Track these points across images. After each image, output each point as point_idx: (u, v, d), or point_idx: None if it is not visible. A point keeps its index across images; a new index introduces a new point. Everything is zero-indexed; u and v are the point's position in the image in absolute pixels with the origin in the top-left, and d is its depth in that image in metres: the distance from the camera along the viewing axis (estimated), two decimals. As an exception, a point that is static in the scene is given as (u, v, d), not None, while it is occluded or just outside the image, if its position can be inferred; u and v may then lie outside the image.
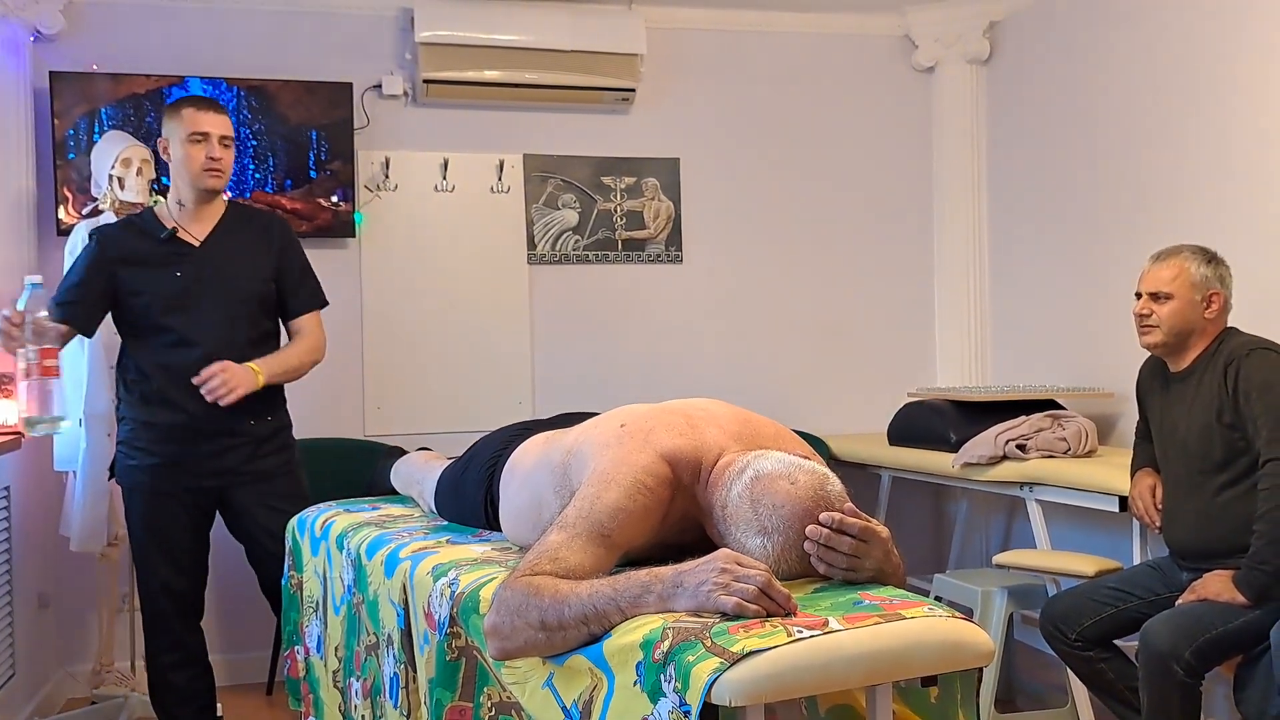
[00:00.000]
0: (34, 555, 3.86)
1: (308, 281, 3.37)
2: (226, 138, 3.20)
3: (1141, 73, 4.07)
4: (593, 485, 1.90)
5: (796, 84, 4.96)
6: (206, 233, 3.23)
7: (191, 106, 3.18)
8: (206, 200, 3.23)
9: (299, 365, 3.29)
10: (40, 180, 4.08)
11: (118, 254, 3.18)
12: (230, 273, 3.20)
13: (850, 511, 1.78)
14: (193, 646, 3.32)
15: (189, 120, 3.15)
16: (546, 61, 4.50)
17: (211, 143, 3.15)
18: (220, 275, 3.19)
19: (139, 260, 3.17)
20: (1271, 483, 2.71)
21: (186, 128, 3.14)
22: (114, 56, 4.22)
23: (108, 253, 3.18)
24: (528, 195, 4.67)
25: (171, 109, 3.23)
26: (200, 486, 3.21)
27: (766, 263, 4.93)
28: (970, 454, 3.91)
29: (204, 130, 3.14)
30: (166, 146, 3.20)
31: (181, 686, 3.30)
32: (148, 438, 3.19)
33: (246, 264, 3.23)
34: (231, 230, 3.26)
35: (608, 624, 1.67)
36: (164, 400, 3.16)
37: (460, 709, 1.97)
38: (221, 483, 3.22)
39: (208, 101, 3.26)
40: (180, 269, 3.16)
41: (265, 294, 3.26)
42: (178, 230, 3.20)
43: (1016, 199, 4.81)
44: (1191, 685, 2.74)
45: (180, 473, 3.19)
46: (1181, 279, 2.97)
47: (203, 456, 3.18)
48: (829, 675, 1.54)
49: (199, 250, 3.20)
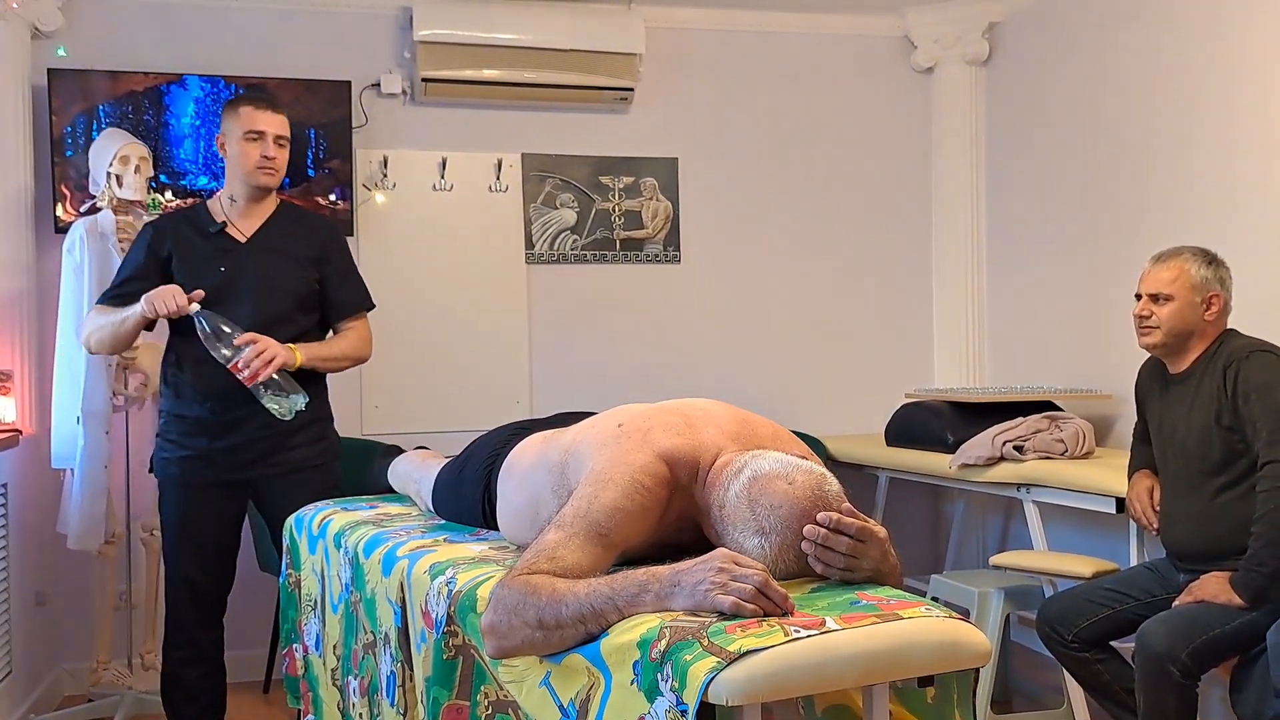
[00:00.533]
0: (31, 552, 3.86)
1: (353, 284, 3.38)
2: (282, 137, 3.23)
3: (1141, 74, 4.07)
4: (590, 484, 1.90)
5: (795, 84, 4.96)
6: (254, 229, 3.26)
7: (250, 105, 3.22)
8: (258, 198, 3.27)
9: (340, 356, 3.30)
10: (38, 178, 4.08)
11: (170, 244, 3.22)
12: (272, 270, 3.21)
13: (848, 511, 1.78)
14: (206, 644, 3.32)
15: (246, 118, 3.18)
16: (545, 61, 4.50)
17: (267, 141, 3.19)
18: (262, 272, 3.20)
19: (187, 252, 3.21)
20: (1270, 485, 2.72)
21: (243, 125, 3.18)
22: (112, 54, 4.22)
23: (162, 242, 3.23)
24: (526, 194, 4.67)
25: (230, 106, 3.27)
26: (229, 480, 3.22)
27: (764, 263, 4.93)
28: (967, 455, 3.91)
29: (260, 129, 3.18)
30: (224, 142, 3.24)
31: (190, 683, 3.31)
32: (178, 430, 3.23)
33: (289, 263, 3.25)
34: (278, 229, 3.29)
35: (605, 623, 1.67)
36: (194, 393, 3.19)
37: (457, 707, 1.97)
38: (250, 475, 3.22)
39: (266, 100, 3.29)
40: (224, 264, 3.19)
41: (306, 294, 3.27)
42: (227, 225, 3.24)
43: (1015, 200, 4.81)
44: (1188, 687, 2.74)
45: (209, 465, 3.21)
46: (1181, 280, 2.97)
47: (230, 449, 3.19)
48: (826, 675, 1.54)
49: (244, 246, 3.23)
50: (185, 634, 3.29)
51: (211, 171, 4.23)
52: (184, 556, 3.25)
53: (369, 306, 3.42)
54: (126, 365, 3.72)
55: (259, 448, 3.21)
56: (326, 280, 3.31)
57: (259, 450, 3.21)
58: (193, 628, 3.29)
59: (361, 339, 3.37)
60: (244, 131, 3.18)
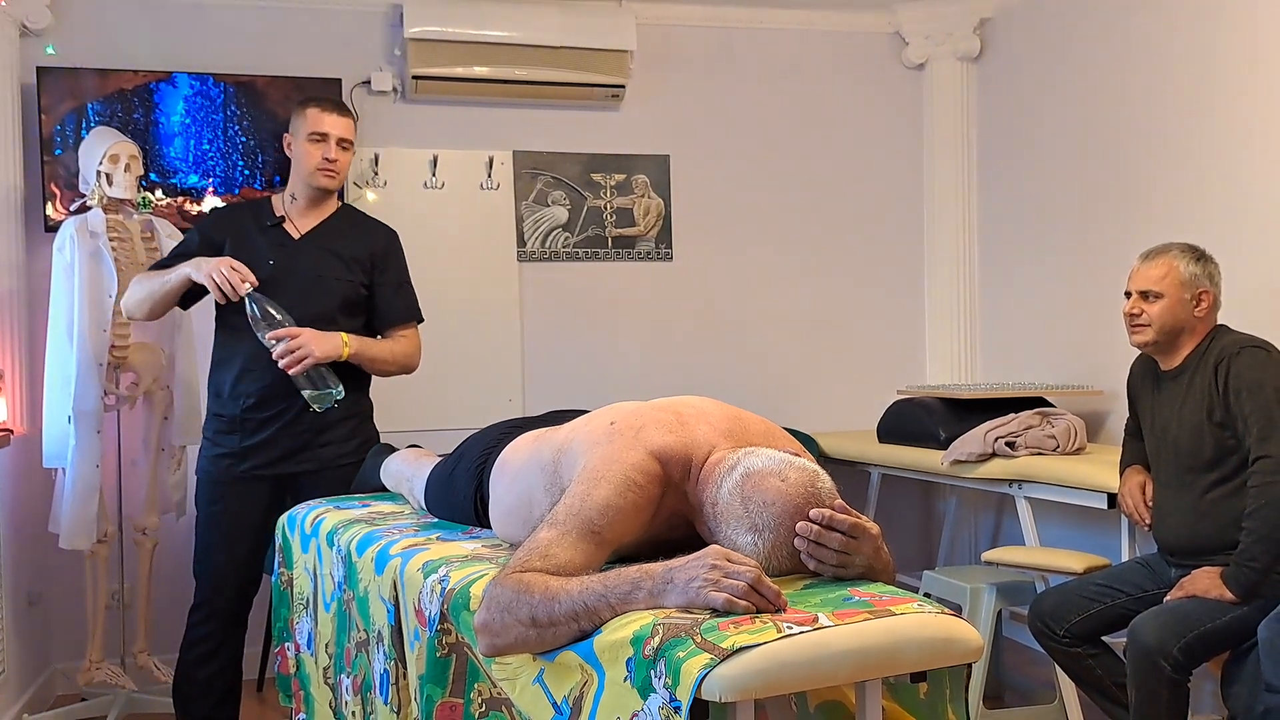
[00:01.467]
0: (23, 552, 3.84)
1: (405, 293, 3.38)
2: (346, 140, 3.25)
3: (1131, 70, 4.08)
4: (583, 482, 1.90)
5: (786, 81, 4.96)
6: (310, 228, 3.27)
7: (316, 107, 3.25)
8: (318, 199, 3.28)
9: (388, 358, 3.30)
10: (28, 176, 4.07)
11: (226, 231, 3.24)
12: (320, 271, 3.21)
13: (840, 508, 1.78)
14: (226, 641, 3.31)
15: (311, 120, 3.21)
16: (536, 58, 4.50)
17: (329, 144, 3.21)
18: (311, 271, 3.21)
19: (241, 241, 3.22)
20: (1261, 481, 2.73)
21: (308, 127, 3.21)
22: (101, 52, 4.21)
23: (220, 228, 3.26)
24: (517, 192, 4.67)
25: (299, 107, 3.29)
26: (260, 476, 3.23)
27: (756, 260, 4.94)
28: (959, 451, 3.91)
29: (324, 131, 3.20)
30: (290, 143, 3.27)
31: (202, 680, 3.31)
32: (214, 429, 3.27)
33: (339, 265, 3.25)
34: (334, 230, 3.30)
35: (598, 620, 1.67)
36: (230, 391, 3.22)
37: (451, 705, 1.97)
38: (281, 471, 3.23)
39: (333, 103, 3.31)
40: (274, 257, 3.20)
41: (353, 298, 3.26)
42: (285, 220, 3.26)
43: (1006, 196, 4.82)
44: (1179, 681, 2.75)
45: (241, 462, 3.22)
46: (1171, 277, 2.98)
47: (261, 446, 3.21)
48: (818, 671, 1.55)
49: (296, 243, 3.24)
50: (206, 629, 3.29)
51: (202, 169, 4.22)
52: (212, 552, 3.27)
53: (419, 319, 3.42)
54: (118, 364, 3.71)
55: (290, 444, 3.22)
56: (378, 287, 3.32)
57: (289, 446, 3.22)
58: (213, 624, 3.29)
59: (413, 346, 3.38)
60: (309, 132, 3.20)
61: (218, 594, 3.29)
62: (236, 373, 3.21)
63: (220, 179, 4.24)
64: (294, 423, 3.20)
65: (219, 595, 3.29)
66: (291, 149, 3.28)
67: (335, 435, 3.26)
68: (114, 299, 3.63)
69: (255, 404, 3.19)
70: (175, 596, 3.77)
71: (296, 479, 3.24)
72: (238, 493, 3.25)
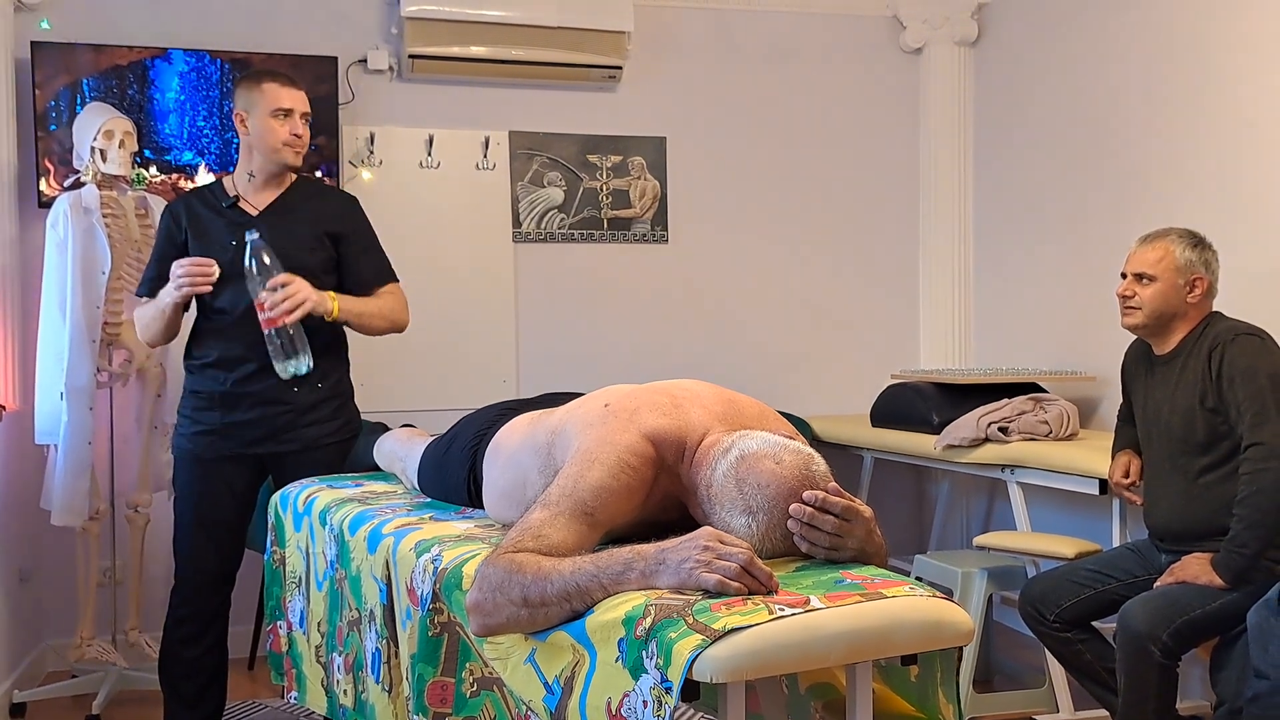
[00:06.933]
0: (14, 529, 3.84)
1: (374, 256, 3.31)
2: (307, 114, 3.21)
3: (1129, 56, 4.08)
4: (576, 464, 1.90)
5: (784, 64, 4.95)
6: (267, 203, 3.23)
7: (273, 81, 3.18)
8: (278, 175, 3.23)
9: (376, 313, 3.24)
10: (22, 152, 4.04)
11: (185, 223, 3.20)
12: (281, 244, 3.13)
13: (834, 491, 1.79)
14: (210, 620, 3.29)
15: (271, 96, 3.14)
16: (533, 38, 4.48)
17: (294, 119, 3.16)
18: (272, 246, 3.13)
19: (202, 230, 3.19)
20: (1253, 467, 2.74)
21: (269, 103, 3.14)
22: (96, 27, 4.18)
23: (178, 223, 3.21)
24: (513, 173, 4.66)
25: (250, 82, 3.21)
26: (240, 455, 3.20)
27: (752, 243, 4.93)
28: (952, 436, 3.92)
29: (288, 106, 3.15)
30: (244, 119, 3.18)
31: (189, 660, 3.29)
32: (192, 406, 3.23)
33: (301, 236, 3.19)
34: (291, 203, 3.25)
35: (590, 601, 1.67)
36: (208, 367, 3.19)
37: (442, 684, 1.98)
38: (262, 451, 3.20)
39: (287, 77, 3.26)
40: (236, 238, 3.14)
41: (319, 268, 3.19)
42: (239, 199, 3.21)
43: (1003, 182, 4.81)
44: (1168, 667, 2.77)
45: (222, 440, 3.19)
46: (1166, 261, 2.99)
47: (243, 424, 3.18)
48: (810, 653, 1.55)
49: (254, 221, 3.18)
50: (189, 609, 3.27)
51: (196, 146, 4.20)
52: (192, 532, 3.24)
53: (394, 278, 3.34)
54: (110, 341, 3.70)
55: (272, 423, 3.18)
56: (345, 255, 3.26)
57: (272, 426, 3.19)
58: (197, 604, 3.27)
59: (399, 302, 3.31)
60: (271, 109, 3.14)
61: (199, 573, 3.26)
62: (218, 348, 3.17)
63: (215, 156, 4.23)
64: (276, 401, 3.16)
65: (200, 574, 3.26)
66: (247, 125, 3.18)
67: (319, 415, 3.24)
68: (107, 275, 3.62)
69: (239, 380, 3.15)
70: (167, 574, 3.75)
71: (280, 458, 3.21)
72: (219, 471, 3.21)
